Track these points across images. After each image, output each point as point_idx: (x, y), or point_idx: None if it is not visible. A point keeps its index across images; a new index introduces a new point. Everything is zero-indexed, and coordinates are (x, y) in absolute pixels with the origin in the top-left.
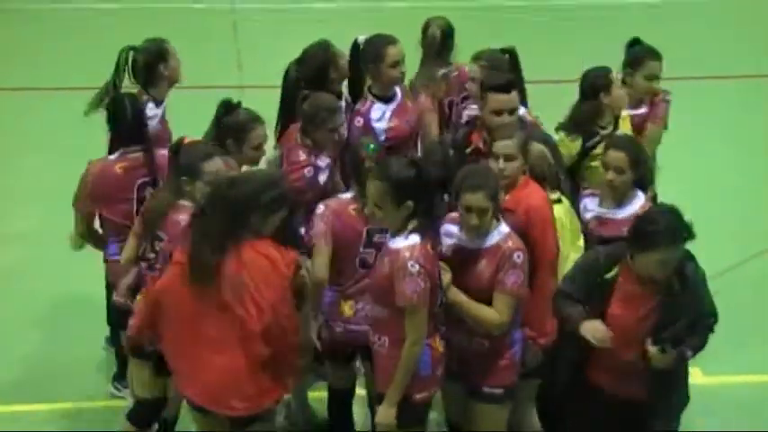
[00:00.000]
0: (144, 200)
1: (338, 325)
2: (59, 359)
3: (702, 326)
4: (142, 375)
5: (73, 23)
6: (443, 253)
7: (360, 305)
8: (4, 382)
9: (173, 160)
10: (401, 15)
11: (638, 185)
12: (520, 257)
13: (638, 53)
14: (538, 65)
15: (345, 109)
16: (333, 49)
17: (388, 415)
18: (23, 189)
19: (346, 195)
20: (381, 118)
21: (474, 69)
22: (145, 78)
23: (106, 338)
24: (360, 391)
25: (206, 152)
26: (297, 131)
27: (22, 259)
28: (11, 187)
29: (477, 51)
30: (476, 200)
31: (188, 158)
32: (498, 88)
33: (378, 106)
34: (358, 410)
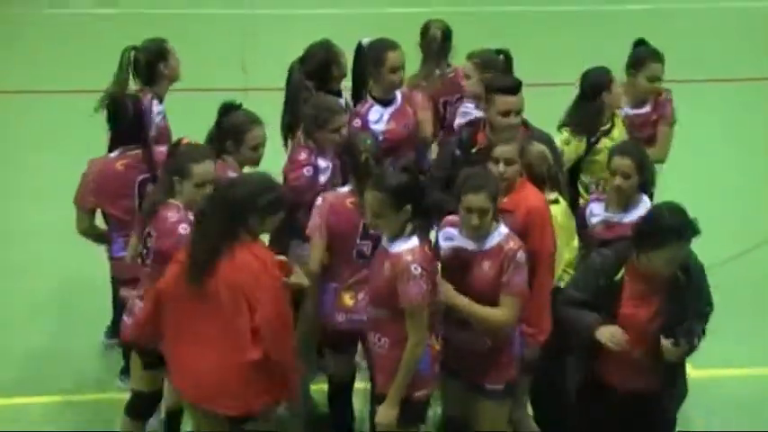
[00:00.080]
0: (144, 196)
1: (340, 315)
2: (72, 351)
3: (702, 315)
4: (137, 369)
5: (71, 28)
6: (444, 255)
7: (360, 295)
8: (19, 375)
9: (168, 159)
10: (402, 20)
11: (641, 189)
12: (522, 257)
13: (640, 54)
14: (530, 67)
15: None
16: (334, 48)
17: (390, 415)
18: (33, 187)
19: (344, 189)
20: (379, 120)
21: (468, 67)
22: (146, 77)
23: (105, 332)
24: (359, 385)
25: (198, 154)
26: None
27: (37, 254)
28: (22, 185)
29: (472, 50)
30: (477, 201)
31: (180, 159)
32: (505, 90)
33: (376, 108)
34: (357, 406)
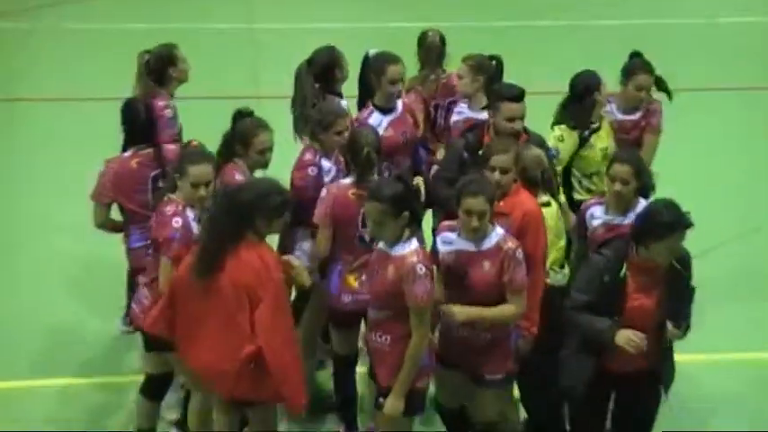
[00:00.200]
0: (157, 190)
1: (347, 296)
2: (89, 335)
3: (691, 298)
4: (147, 352)
5: (93, 41)
6: (444, 259)
7: (363, 277)
8: (38, 357)
9: (177, 159)
10: (402, 34)
11: (641, 194)
12: (520, 254)
13: (632, 65)
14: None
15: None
16: (338, 52)
17: (398, 406)
18: (55, 185)
19: (347, 181)
20: (378, 126)
21: (463, 68)
22: (157, 79)
23: (122, 319)
24: (359, 369)
25: (196, 156)
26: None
27: (75, 247)
28: (46, 183)
29: (466, 54)
30: (476, 203)
31: (181, 159)
32: (511, 98)
33: (376, 115)
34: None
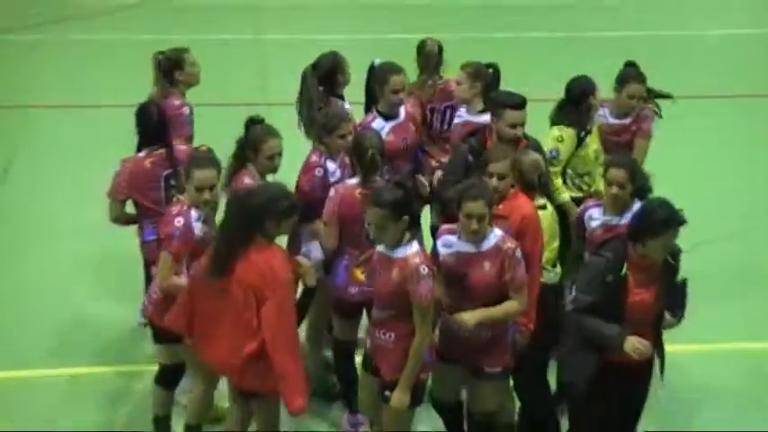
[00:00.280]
0: (170, 188)
1: (353, 288)
2: (103, 325)
3: (684, 289)
4: (159, 344)
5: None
6: (445, 261)
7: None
8: (51, 345)
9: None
10: (402, 45)
11: (637, 195)
12: (519, 253)
13: (626, 74)
14: (518, 83)
15: None
16: (341, 58)
17: (404, 399)
18: (76, 189)
19: (353, 181)
20: (380, 131)
21: (462, 75)
22: (169, 80)
23: (141, 312)
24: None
25: (202, 161)
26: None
27: (81, 248)
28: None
29: (465, 62)
30: (476, 207)
31: (189, 163)
32: (514, 106)
33: (379, 120)
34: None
